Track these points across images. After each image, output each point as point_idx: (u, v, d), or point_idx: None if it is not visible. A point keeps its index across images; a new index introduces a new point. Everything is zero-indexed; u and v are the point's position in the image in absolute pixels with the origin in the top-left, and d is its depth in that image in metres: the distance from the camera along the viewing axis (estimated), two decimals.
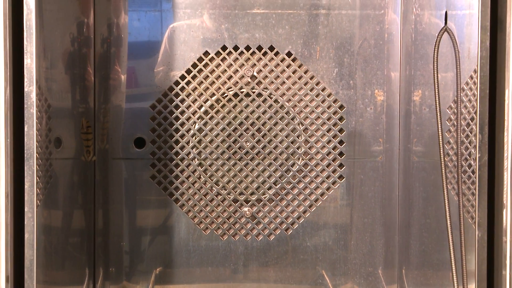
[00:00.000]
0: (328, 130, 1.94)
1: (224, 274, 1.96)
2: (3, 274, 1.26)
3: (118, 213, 1.95)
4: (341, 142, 1.94)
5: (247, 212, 1.94)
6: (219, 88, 1.92)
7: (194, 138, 1.93)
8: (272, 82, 1.93)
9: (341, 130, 1.94)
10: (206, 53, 1.92)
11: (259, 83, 1.93)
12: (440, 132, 1.52)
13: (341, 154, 1.95)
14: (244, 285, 1.97)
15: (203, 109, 1.92)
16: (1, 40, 1.26)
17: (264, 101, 1.93)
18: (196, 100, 1.92)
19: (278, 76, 1.93)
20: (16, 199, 1.31)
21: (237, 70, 1.92)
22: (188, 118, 1.92)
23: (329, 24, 1.93)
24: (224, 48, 1.92)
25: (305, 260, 1.97)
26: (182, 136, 1.92)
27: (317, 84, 1.93)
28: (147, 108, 1.92)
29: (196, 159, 1.93)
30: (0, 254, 1.26)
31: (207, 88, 1.92)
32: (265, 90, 1.93)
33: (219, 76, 1.92)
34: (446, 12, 1.57)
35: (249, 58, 1.92)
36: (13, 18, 1.29)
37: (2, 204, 1.27)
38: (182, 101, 1.92)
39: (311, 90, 1.93)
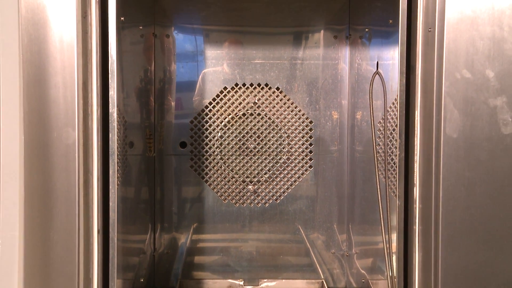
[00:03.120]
0: (302, 137, 1.93)
1: (236, 228, 1.96)
2: (96, 228, 1.26)
3: (169, 189, 1.94)
4: (310, 144, 1.94)
5: (251, 189, 1.94)
6: (233, 110, 1.91)
7: (217, 141, 1.92)
8: (267, 106, 1.92)
9: (310, 137, 1.93)
10: (225, 88, 1.91)
11: (258, 107, 1.92)
12: (373, 138, 1.51)
13: (310, 152, 1.94)
14: (249, 234, 1.96)
15: (223, 123, 1.91)
16: (94, 79, 1.26)
17: (262, 118, 1.92)
18: (218, 117, 1.91)
19: (270, 103, 1.92)
20: (105, 181, 1.31)
21: (245, 99, 1.91)
22: (214, 129, 1.91)
23: (303, 69, 1.92)
24: (236, 84, 1.91)
25: (287, 219, 1.96)
26: (210, 140, 1.92)
27: (295, 107, 1.92)
28: (187, 123, 1.92)
29: (218, 155, 1.92)
30: (94, 216, 1.26)
31: (226, 110, 1.91)
32: (262, 111, 1.92)
33: (233, 103, 1.91)
34: (377, 62, 1.57)
35: (252, 91, 1.92)
36: (102, 65, 1.29)
37: (95, 184, 1.26)
38: (210, 118, 1.91)
39: (292, 111, 1.92)
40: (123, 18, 1.37)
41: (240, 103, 1.92)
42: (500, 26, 1.17)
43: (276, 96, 1.92)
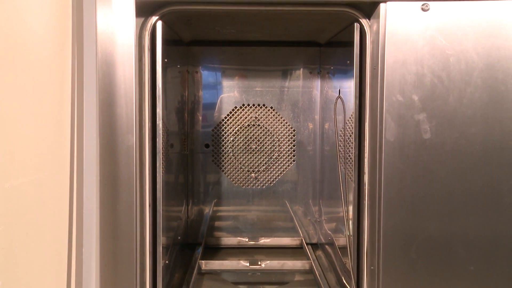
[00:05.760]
0: (288, 140, 1.94)
1: (243, 202, 1.96)
2: (148, 203, 1.27)
3: (198, 176, 1.95)
4: (294, 146, 1.94)
5: (253, 176, 1.94)
6: (241, 122, 1.92)
7: (230, 143, 1.93)
8: (264, 120, 1.93)
9: (294, 140, 1.94)
10: (235, 107, 1.92)
11: (258, 120, 1.92)
12: (337, 141, 1.52)
13: (294, 150, 1.95)
14: (252, 207, 1.96)
15: (234, 131, 1.92)
16: (147, 101, 1.26)
17: (261, 128, 1.93)
18: (231, 127, 1.92)
19: (266, 117, 1.93)
20: (153, 171, 1.32)
21: (249, 114, 1.92)
22: (228, 135, 1.92)
23: (289, 94, 1.93)
24: (243, 104, 1.92)
25: (278, 197, 1.97)
26: (225, 143, 1.92)
27: (284, 120, 1.93)
28: (210, 131, 1.92)
29: (231, 153, 1.93)
30: (146, 194, 1.27)
31: (236, 122, 1.92)
32: (261, 123, 1.93)
33: (241, 117, 1.92)
34: (339, 90, 1.57)
35: (254, 109, 1.92)
36: (152, 92, 1.30)
37: (147, 173, 1.27)
38: (225, 128, 1.92)
39: (281, 123, 1.93)
40: (166, 60, 1.38)
41: (245, 118, 1.93)
42: (422, 65, 1.18)
43: (270, 113, 1.93)
